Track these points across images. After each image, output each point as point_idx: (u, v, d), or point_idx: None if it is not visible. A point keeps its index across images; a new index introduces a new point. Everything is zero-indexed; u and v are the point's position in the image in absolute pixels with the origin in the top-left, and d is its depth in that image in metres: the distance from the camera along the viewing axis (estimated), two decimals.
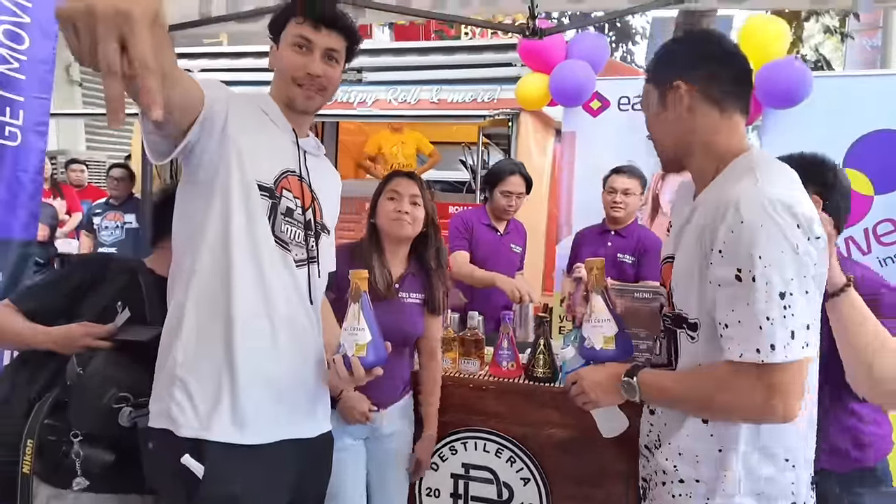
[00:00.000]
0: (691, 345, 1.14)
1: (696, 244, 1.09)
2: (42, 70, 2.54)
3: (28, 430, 1.34)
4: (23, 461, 1.33)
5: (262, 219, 1.22)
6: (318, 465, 1.39)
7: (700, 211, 1.12)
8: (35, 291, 1.55)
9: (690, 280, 1.11)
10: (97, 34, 0.65)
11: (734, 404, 1.05)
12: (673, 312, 1.19)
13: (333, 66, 1.31)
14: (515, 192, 2.73)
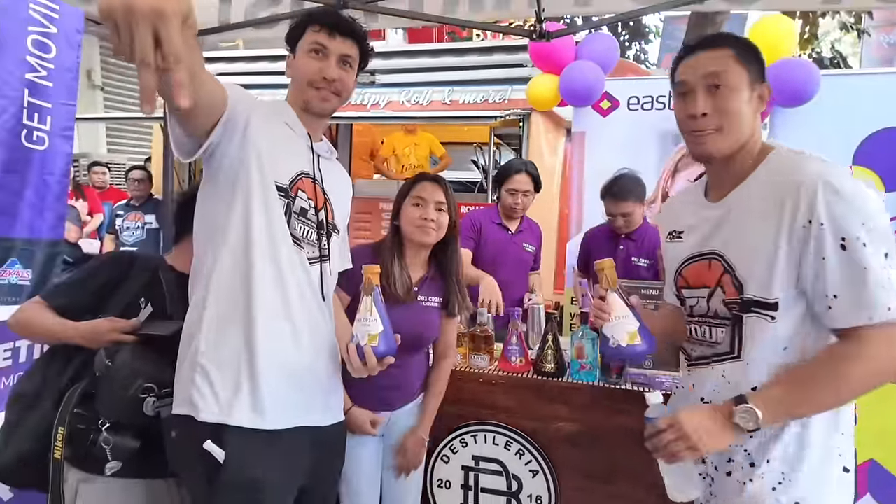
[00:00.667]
0: (770, 325, 1.13)
1: (771, 226, 1.10)
2: (68, 77, 2.65)
3: (59, 418, 1.41)
4: (54, 447, 1.40)
5: (280, 217, 1.28)
6: (331, 452, 1.45)
7: (754, 197, 1.15)
8: (64, 289, 1.62)
9: (768, 261, 1.11)
10: (134, 29, 0.73)
11: (873, 371, 1.06)
12: (740, 298, 1.16)
13: (348, 71, 1.37)
14: (521, 189, 2.75)
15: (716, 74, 1.17)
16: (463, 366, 2.12)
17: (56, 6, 2.58)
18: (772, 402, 1.10)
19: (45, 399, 1.48)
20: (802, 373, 1.10)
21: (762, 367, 1.16)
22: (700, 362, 1.29)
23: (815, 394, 1.08)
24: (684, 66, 1.23)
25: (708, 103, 1.17)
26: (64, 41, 2.61)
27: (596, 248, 2.89)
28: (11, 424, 1.50)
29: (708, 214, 1.27)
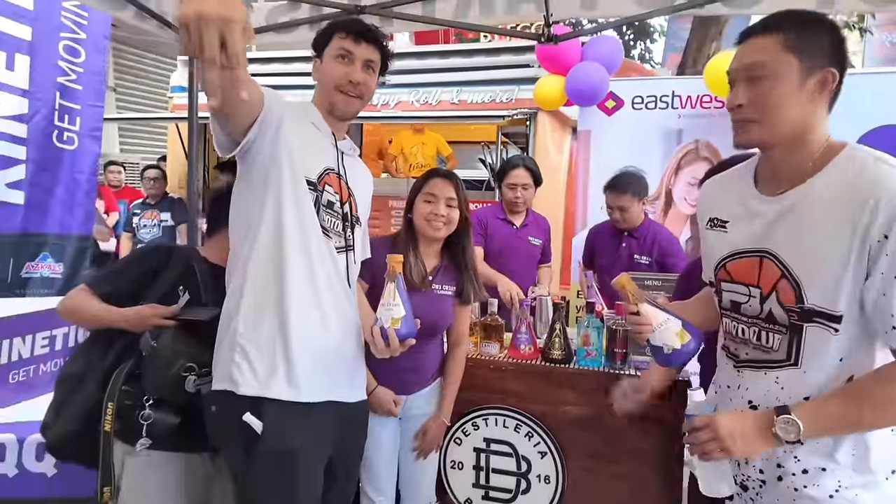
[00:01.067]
0: (832, 338, 1.09)
1: (843, 235, 1.04)
2: (96, 81, 2.78)
3: (108, 395, 1.53)
4: (104, 421, 1.52)
5: (310, 209, 1.39)
6: (356, 427, 1.57)
7: (823, 200, 1.08)
8: (108, 277, 1.73)
9: (836, 272, 1.05)
10: (204, 33, 0.88)
11: None
12: (800, 308, 1.11)
13: (370, 75, 1.49)
14: (520, 183, 2.85)
15: (757, 65, 1.09)
16: (475, 353, 2.22)
17: (85, 13, 2.72)
18: (819, 417, 1.07)
19: (89, 380, 1.60)
20: (857, 390, 1.07)
21: (820, 375, 1.11)
22: (751, 365, 1.22)
23: (868, 412, 1.05)
24: (735, 56, 1.16)
25: (745, 94, 1.12)
26: (92, 46, 2.75)
27: (600, 245, 2.97)
28: (59, 404, 1.62)
29: (762, 208, 1.17)
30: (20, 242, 2.52)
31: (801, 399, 1.12)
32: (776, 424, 1.06)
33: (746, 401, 1.21)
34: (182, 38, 0.90)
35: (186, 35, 0.89)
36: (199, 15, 0.87)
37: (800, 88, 1.09)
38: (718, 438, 1.09)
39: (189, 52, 0.90)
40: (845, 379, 1.10)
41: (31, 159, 2.50)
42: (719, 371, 1.34)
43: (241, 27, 0.90)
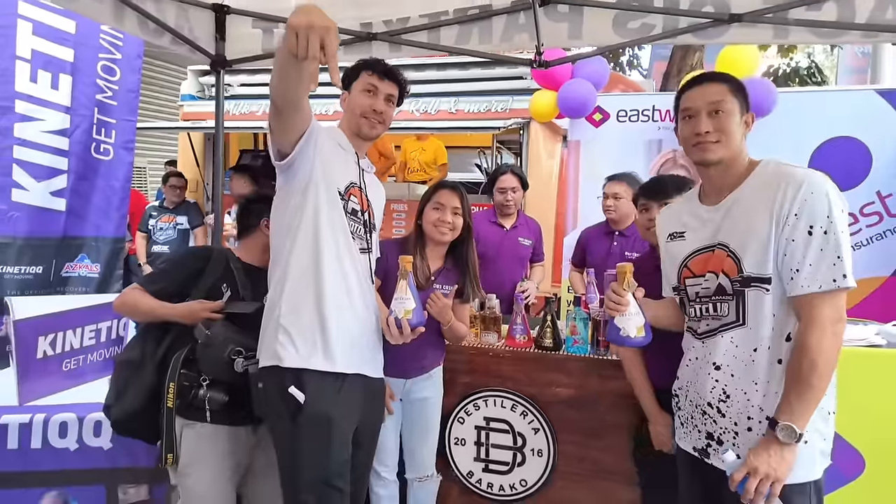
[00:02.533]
0: (765, 296, 1.40)
1: (764, 217, 1.38)
2: (130, 97, 3.05)
3: (170, 376, 1.79)
4: (167, 398, 1.79)
5: (341, 214, 1.67)
6: (376, 399, 1.84)
7: (749, 198, 1.43)
8: (159, 278, 1.95)
9: (763, 245, 1.38)
10: (311, 37, 1.19)
11: (829, 333, 1.32)
12: (741, 276, 1.42)
13: (390, 106, 1.78)
14: (509, 186, 3.14)
15: (717, 102, 1.47)
16: (475, 342, 2.51)
17: (120, 35, 2.99)
18: (797, 411, 1.32)
19: (147, 365, 1.85)
20: (794, 371, 1.35)
21: (762, 330, 1.41)
22: (710, 334, 1.51)
23: (813, 377, 1.32)
24: (689, 95, 1.52)
25: (710, 124, 1.46)
26: (126, 66, 3.02)
27: (593, 244, 3.23)
28: (120, 386, 1.87)
29: (709, 216, 1.52)
30: (61, 245, 2.77)
31: (751, 352, 1.43)
32: (779, 435, 1.33)
33: (711, 363, 1.49)
34: (290, 41, 1.22)
35: (294, 38, 1.21)
36: (308, 24, 1.20)
37: (740, 122, 1.50)
38: (766, 477, 1.33)
39: (296, 51, 1.21)
40: (784, 336, 1.40)
41: (72, 170, 2.75)
42: (687, 351, 1.63)
43: (336, 34, 1.23)
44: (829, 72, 9.68)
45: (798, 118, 3.25)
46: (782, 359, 1.41)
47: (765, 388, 1.42)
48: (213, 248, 2.06)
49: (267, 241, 1.95)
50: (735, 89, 1.50)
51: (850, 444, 2.16)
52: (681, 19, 2.43)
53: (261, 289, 1.91)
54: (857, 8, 2.26)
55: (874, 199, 3.17)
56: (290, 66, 1.33)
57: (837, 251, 1.33)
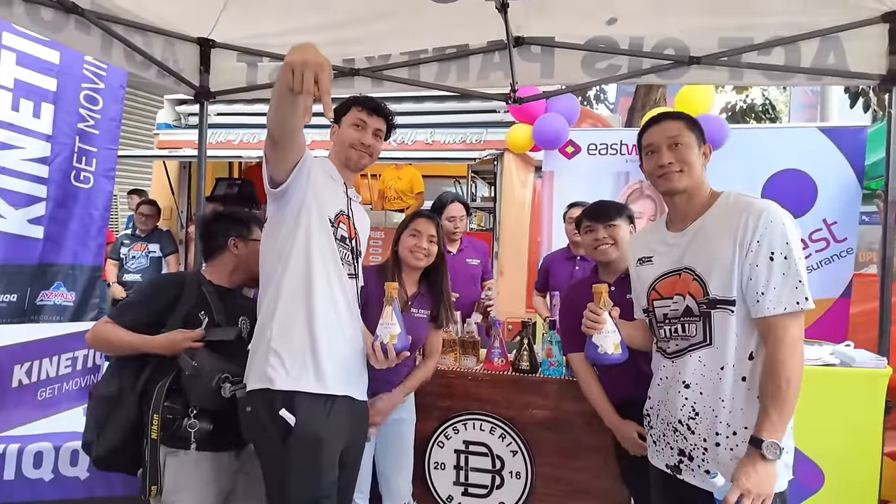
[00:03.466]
0: (730, 318, 1.49)
1: (728, 244, 1.48)
2: (112, 126, 3.08)
3: (154, 407, 1.77)
4: (151, 430, 1.76)
5: (331, 240, 1.74)
6: (362, 420, 1.88)
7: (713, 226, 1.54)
8: (132, 308, 1.90)
9: (728, 269, 1.48)
10: (306, 73, 1.28)
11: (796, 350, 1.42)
12: (707, 299, 1.52)
13: (378, 140, 1.88)
14: (457, 215, 3.26)
15: (675, 136, 1.60)
16: (454, 366, 2.57)
17: (104, 66, 3.03)
18: (778, 427, 1.40)
19: (127, 399, 1.83)
20: (772, 390, 1.42)
21: (727, 350, 1.50)
22: (679, 354, 1.60)
23: (788, 394, 1.41)
24: (650, 133, 1.65)
25: (671, 156, 1.59)
26: (109, 95, 3.06)
27: (556, 269, 3.37)
28: (100, 422, 1.83)
29: (676, 241, 1.62)
30: (37, 272, 2.74)
31: (718, 370, 1.51)
32: (765, 453, 1.39)
33: (681, 382, 1.58)
34: (286, 77, 1.31)
35: (290, 74, 1.29)
36: (303, 61, 1.29)
37: (698, 154, 1.63)
38: (756, 496, 1.39)
39: (292, 86, 1.30)
40: (747, 355, 1.50)
41: (51, 197, 2.75)
42: (657, 371, 1.71)
43: (329, 70, 1.32)
44: (783, 107, 10.30)
45: (751, 152, 3.54)
46: (746, 376, 1.50)
47: (731, 404, 1.50)
48: (184, 274, 2.04)
49: (236, 261, 2.00)
50: (690, 125, 1.64)
51: (811, 459, 2.29)
52: (644, 61, 2.62)
53: (234, 311, 1.95)
54: (803, 53, 2.49)
55: (821, 226, 3.44)
56: (287, 100, 1.42)
57: (798, 276, 1.44)
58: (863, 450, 2.25)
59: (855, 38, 2.41)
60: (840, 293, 3.40)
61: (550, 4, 2.39)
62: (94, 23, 2.37)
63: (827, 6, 2.31)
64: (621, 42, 2.60)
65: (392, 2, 2.46)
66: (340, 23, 2.62)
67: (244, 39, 2.86)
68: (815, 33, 2.43)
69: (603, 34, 2.59)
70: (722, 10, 2.39)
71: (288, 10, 2.59)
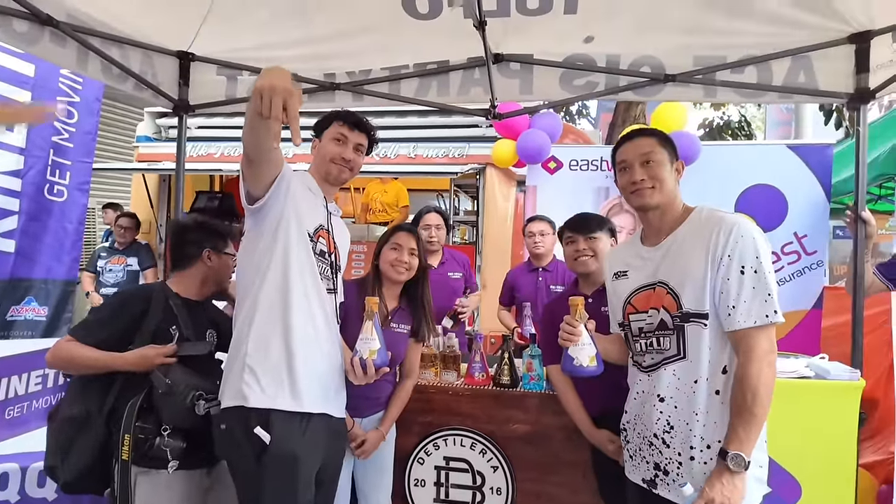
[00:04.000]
0: (703, 331, 1.51)
1: (700, 258, 1.51)
2: (87, 139, 3.04)
3: (125, 428, 1.72)
4: (121, 451, 1.71)
5: (310, 255, 1.72)
6: (339, 438, 1.86)
7: (686, 241, 1.57)
8: (99, 326, 1.82)
9: (700, 283, 1.50)
10: (274, 99, 1.27)
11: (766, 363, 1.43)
12: (680, 312, 1.54)
13: (358, 155, 1.88)
14: (433, 223, 3.29)
15: (647, 153, 1.62)
16: (435, 381, 2.55)
17: (80, 79, 3.00)
18: (744, 440, 1.42)
19: (94, 420, 1.76)
20: (739, 402, 1.45)
21: (701, 363, 1.51)
22: (654, 367, 1.61)
23: (756, 407, 1.43)
24: (623, 150, 1.67)
25: (643, 172, 1.62)
26: (85, 108, 3.02)
27: (520, 282, 3.40)
28: (65, 445, 1.76)
29: (650, 255, 1.65)
30: (8, 287, 2.68)
31: (692, 383, 1.53)
32: (729, 465, 1.42)
33: (656, 395, 1.59)
34: (255, 102, 1.30)
35: (259, 100, 1.29)
36: (271, 87, 1.28)
37: (670, 170, 1.65)
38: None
39: (261, 111, 1.30)
40: (720, 368, 1.51)
41: (24, 210, 2.70)
42: (633, 385, 1.72)
43: (299, 98, 1.32)
44: (760, 123, 10.57)
45: (724, 168, 3.67)
46: (720, 390, 1.51)
47: (704, 418, 1.52)
48: (150, 287, 1.97)
49: (207, 273, 1.96)
50: (663, 141, 1.67)
51: (788, 471, 2.31)
52: (621, 78, 2.67)
53: (201, 324, 1.91)
54: (774, 72, 2.56)
55: (792, 239, 3.56)
56: (258, 124, 1.42)
57: (767, 289, 1.46)
58: (838, 461, 2.28)
59: (824, 58, 2.48)
60: (812, 304, 3.49)
61: (528, 24, 2.42)
62: (69, 35, 2.35)
63: (796, 27, 2.37)
64: (598, 60, 2.65)
65: (372, 18, 2.48)
66: (321, 38, 2.63)
67: (224, 53, 2.85)
68: (785, 53, 2.49)
69: (580, 52, 2.63)
70: (696, 30, 2.44)
71: (268, 25, 2.59)
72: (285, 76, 1.31)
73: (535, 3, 2.30)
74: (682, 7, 2.31)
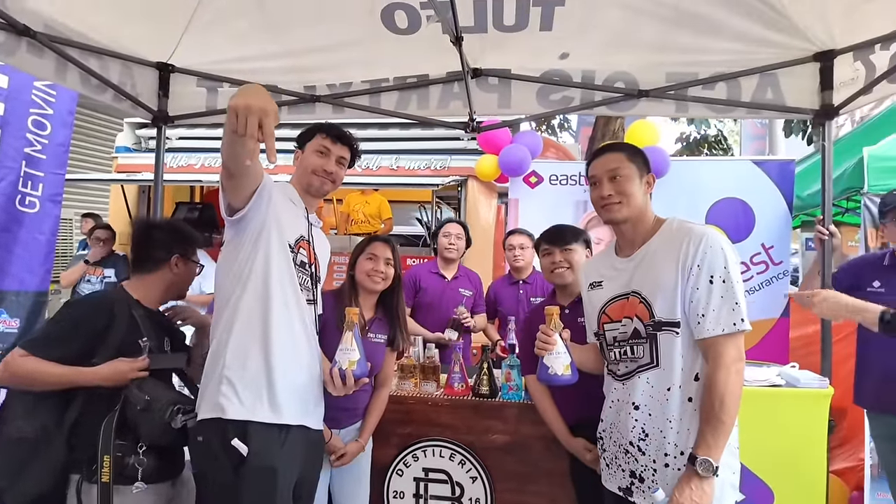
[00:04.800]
0: (675, 339, 1.55)
1: (672, 268, 1.54)
2: (60, 151, 3.01)
3: (103, 448, 1.63)
4: (101, 473, 1.61)
5: (291, 266, 1.72)
6: (317, 450, 1.85)
7: (657, 251, 1.61)
8: (58, 340, 1.70)
9: (672, 293, 1.54)
10: (250, 118, 1.28)
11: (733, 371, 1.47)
12: (653, 321, 1.57)
13: (341, 167, 1.89)
14: (454, 233, 3.37)
15: (615, 169, 1.66)
16: (415, 392, 2.55)
17: (53, 91, 2.98)
18: (712, 445, 1.45)
19: (53, 440, 1.65)
20: (707, 409, 1.48)
21: (673, 370, 1.55)
22: (628, 375, 1.64)
23: (723, 414, 1.46)
24: (593, 165, 1.72)
25: (611, 188, 1.65)
26: (59, 121, 3.00)
27: (501, 295, 3.44)
28: (17, 467, 1.63)
29: (624, 266, 1.68)
30: None
31: (665, 391, 1.56)
32: (698, 470, 1.45)
33: (631, 403, 1.62)
34: (230, 120, 1.31)
35: (235, 118, 1.29)
36: (247, 106, 1.28)
37: (639, 184, 1.68)
38: None
39: (236, 129, 1.31)
40: (692, 375, 1.55)
41: None
42: (609, 394, 1.75)
43: (274, 116, 1.32)
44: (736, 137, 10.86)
45: (695, 182, 3.82)
46: (692, 397, 1.54)
47: (678, 425, 1.55)
48: (111, 297, 1.84)
49: (171, 280, 1.89)
50: (631, 156, 1.70)
51: (760, 478, 2.35)
52: (596, 93, 2.74)
53: (160, 334, 1.84)
54: (743, 88, 2.65)
55: (760, 249, 3.68)
56: (235, 141, 1.42)
57: (735, 298, 1.51)
58: (810, 467, 2.33)
59: (790, 75, 2.57)
60: (780, 313, 3.60)
61: (505, 40, 2.47)
62: (47, 45, 2.33)
63: (764, 45, 2.46)
64: (574, 75, 2.71)
65: (352, 32, 2.51)
66: (301, 51, 2.65)
67: (204, 65, 2.86)
68: (753, 70, 2.58)
69: (556, 67, 2.69)
70: (667, 47, 2.52)
71: (248, 37, 2.61)
72: (262, 94, 1.32)
73: (512, 19, 2.35)
74: (653, 25, 2.38)
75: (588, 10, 2.31)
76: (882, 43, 2.31)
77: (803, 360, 2.65)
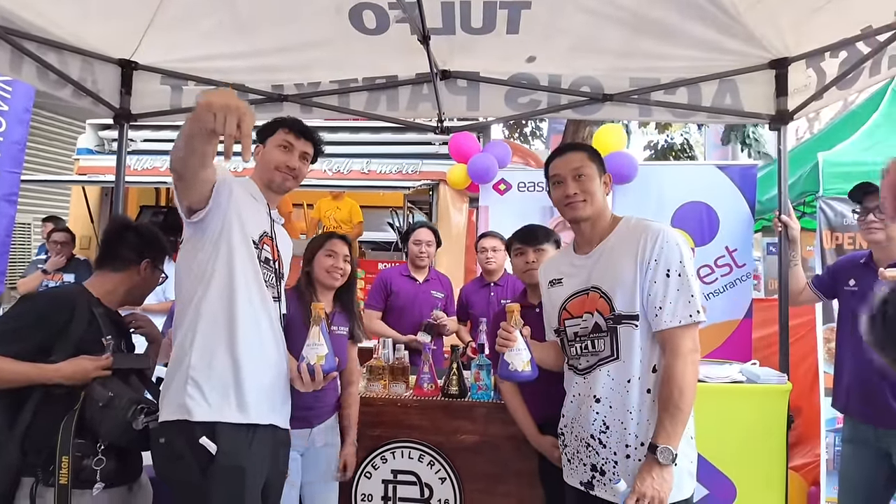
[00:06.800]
0: (634, 332, 1.59)
1: (630, 263, 1.59)
2: (15, 149, 2.91)
3: (61, 449, 1.58)
4: (59, 475, 1.56)
5: (255, 262, 1.69)
6: (283, 451, 1.81)
7: (616, 247, 1.65)
8: (15, 335, 1.64)
9: (631, 287, 1.59)
10: (228, 117, 1.27)
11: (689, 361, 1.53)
12: (613, 315, 1.62)
13: (304, 164, 1.87)
14: (424, 240, 3.38)
15: (579, 168, 1.69)
16: (383, 393, 2.54)
17: (9, 88, 2.89)
18: (671, 433, 1.49)
19: (9, 443, 1.60)
20: (665, 398, 1.53)
21: (633, 363, 1.59)
22: (589, 369, 1.67)
23: (682, 402, 1.51)
24: (555, 164, 1.74)
25: (576, 186, 1.68)
26: (14, 118, 2.90)
27: (473, 298, 3.47)
28: None
29: (582, 263, 1.73)
30: None
31: (625, 383, 1.59)
32: (659, 458, 1.48)
33: (592, 397, 1.64)
34: (206, 118, 1.29)
35: (212, 117, 1.28)
36: (225, 105, 1.27)
37: (599, 183, 1.73)
38: (652, 500, 1.48)
39: (213, 128, 1.29)
40: (651, 367, 1.59)
41: None
42: (570, 388, 1.77)
43: (251, 115, 1.32)
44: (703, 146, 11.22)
45: (661, 186, 3.90)
46: (650, 388, 1.59)
47: (638, 416, 1.58)
48: (72, 293, 1.80)
49: (136, 284, 1.87)
50: (592, 156, 1.75)
51: (723, 472, 2.40)
52: (563, 97, 2.79)
53: (119, 335, 1.81)
54: (703, 94, 2.74)
55: (724, 252, 3.77)
56: (201, 140, 1.39)
57: (690, 291, 1.57)
58: (771, 461, 2.39)
59: (748, 81, 2.66)
60: (744, 314, 3.69)
61: (473, 42, 2.50)
62: (2, 38, 2.26)
63: (722, 52, 2.55)
64: (541, 79, 2.76)
65: (319, 32, 2.50)
66: (268, 50, 2.63)
67: (169, 63, 2.81)
68: (713, 76, 2.67)
69: (524, 71, 2.74)
70: (630, 53, 2.58)
71: (215, 35, 2.57)
72: (235, 95, 1.32)
73: (479, 22, 2.38)
74: (615, 30, 2.44)
75: (553, 13, 2.36)
76: (831, 51, 2.41)
77: (766, 360, 2.73)
